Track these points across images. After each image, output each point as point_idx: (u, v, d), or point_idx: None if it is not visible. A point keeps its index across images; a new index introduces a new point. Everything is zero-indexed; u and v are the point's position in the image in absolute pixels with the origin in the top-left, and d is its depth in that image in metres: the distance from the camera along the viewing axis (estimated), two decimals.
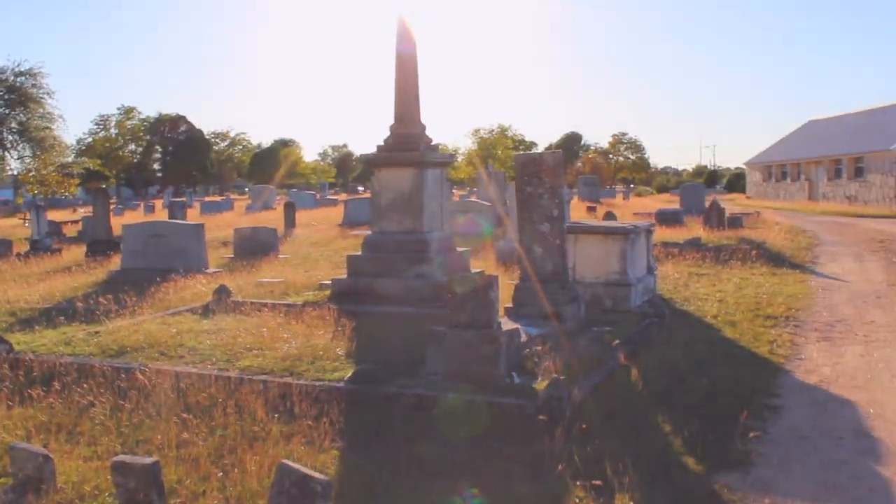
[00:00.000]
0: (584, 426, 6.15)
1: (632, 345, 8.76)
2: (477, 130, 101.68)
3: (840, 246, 21.75)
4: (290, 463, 5.06)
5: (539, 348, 8.14)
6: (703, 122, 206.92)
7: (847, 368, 8.69)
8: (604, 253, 11.49)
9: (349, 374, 7.68)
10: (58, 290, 14.69)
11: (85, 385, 7.68)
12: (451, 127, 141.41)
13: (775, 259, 17.65)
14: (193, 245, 16.44)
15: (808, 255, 19.30)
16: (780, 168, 58.45)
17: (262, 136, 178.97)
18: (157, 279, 14.34)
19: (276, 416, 6.73)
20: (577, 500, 5.10)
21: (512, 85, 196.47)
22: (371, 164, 12.72)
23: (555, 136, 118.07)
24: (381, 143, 12.60)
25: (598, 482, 5.14)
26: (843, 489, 5.49)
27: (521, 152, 11.49)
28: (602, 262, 11.47)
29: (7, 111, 55.36)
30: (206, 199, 57.35)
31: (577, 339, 9.01)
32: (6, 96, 55.06)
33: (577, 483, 5.26)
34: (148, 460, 5.40)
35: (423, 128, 12.67)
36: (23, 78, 55.77)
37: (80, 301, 13.19)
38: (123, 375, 8.01)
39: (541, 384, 7.17)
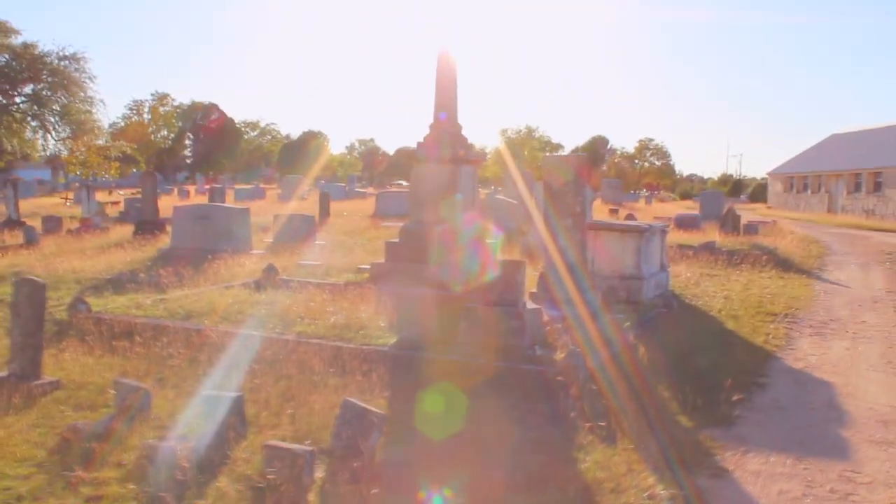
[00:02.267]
0: (594, 388, 7.28)
1: (641, 329, 9.88)
2: (504, 130, 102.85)
3: (849, 256, 22.74)
4: (353, 399, 6.22)
5: (559, 326, 9.28)
6: (731, 131, 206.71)
7: (831, 358, 9.78)
8: (620, 249, 12.60)
9: (393, 341, 8.84)
10: (116, 263, 15.93)
11: (162, 340, 8.89)
12: (478, 126, 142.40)
13: (784, 265, 18.67)
14: (239, 227, 17.65)
15: (816, 263, 20.31)
16: (801, 179, 59.22)
17: (290, 127, 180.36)
18: (206, 257, 15.55)
19: (331, 370, 7.87)
20: (586, 441, 6.22)
21: (540, 86, 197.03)
22: (411, 158, 13.89)
23: (581, 139, 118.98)
24: (421, 140, 13.76)
25: (602, 423, 6.28)
26: (808, 444, 6.62)
27: (549, 154, 12.61)
28: (618, 257, 12.59)
29: (50, 94, 56.84)
30: (236, 186, 58.58)
31: (594, 322, 10.12)
32: (50, 79, 56.52)
33: (587, 426, 6.39)
34: (234, 393, 6.58)
35: (460, 128, 13.83)
36: (66, 62, 57.22)
37: (141, 273, 14.43)
38: (195, 334, 9.20)
39: (559, 356, 8.28)
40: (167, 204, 26.89)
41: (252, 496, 5.21)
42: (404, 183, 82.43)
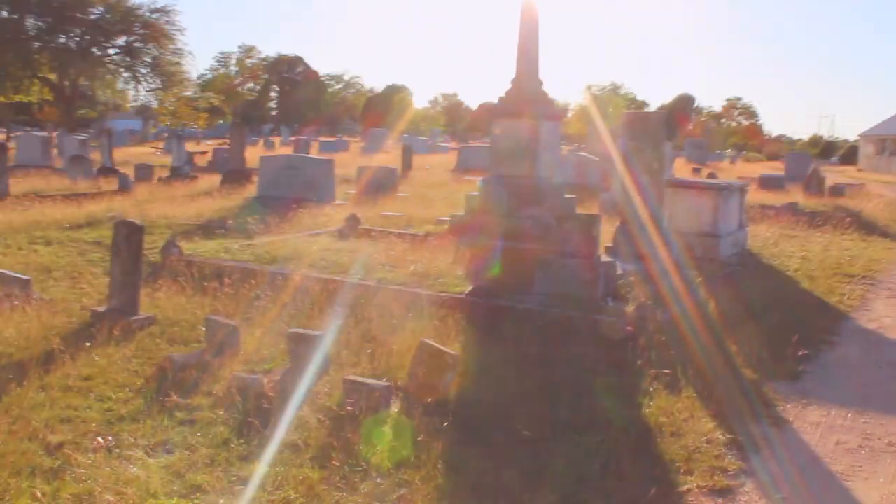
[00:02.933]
0: (663, 339, 7.50)
1: (714, 285, 10.02)
2: (590, 87, 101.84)
3: None
4: (429, 340, 6.56)
5: (632, 280, 9.48)
6: (824, 91, 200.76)
7: None
8: (698, 206, 12.67)
9: (469, 289, 9.15)
10: (205, 210, 16.54)
11: (250, 283, 9.34)
12: (563, 81, 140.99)
13: (868, 227, 18.42)
14: (323, 178, 18.14)
15: None
16: (894, 142, 57.56)
17: (374, 81, 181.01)
18: (291, 206, 16.05)
19: (409, 315, 8.21)
20: (651, 388, 6.46)
21: (627, 43, 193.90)
22: (493, 113, 14.08)
23: (667, 97, 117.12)
24: (503, 95, 13.92)
25: (667, 371, 6.52)
26: (871, 400, 6.75)
27: (632, 111, 12.72)
28: (696, 214, 12.66)
29: (141, 46, 58.19)
30: (321, 139, 59.37)
31: (667, 277, 10.29)
32: (141, 31, 57.82)
33: (652, 373, 6.63)
34: (317, 332, 6.97)
35: (541, 83, 13.94)
36: (157, 14, 58.46)
37: (229, 220, 14.99)
38: (280, 278, 9.64)
39: (630, 308, 8.50)
40: (253, 155, 27.61)
41: (331, 425, 5.58)
42: (487, 138, 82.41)
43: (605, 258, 9.70)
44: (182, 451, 5.20)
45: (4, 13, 55.08)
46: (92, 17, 57.11)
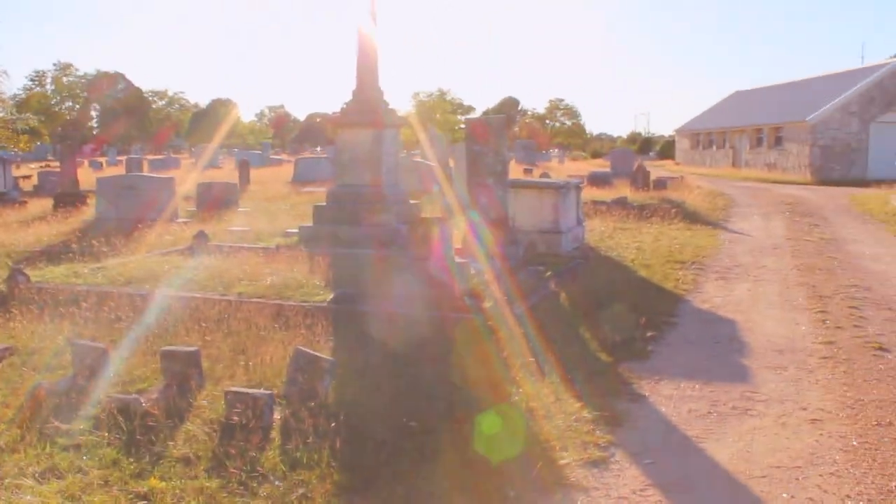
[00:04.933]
0: (522, 331, 7.96)
1: (561, 277, 10.61)
2: (417, 94, 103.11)
3: (752, 208, 23.97)
4: (304, 347, 6.77)
5: (485, 279, 9.93)
6: (639, 90, 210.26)
7: (734, 299, 10.69)
8: (539, 205, 13.33)
9: (331, 297, 9.38)
10: (43, 236, 16.05)
11: (108, 305, 9.25)
12: (392, 89, 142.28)
13: (692, 217, 19.71)
14: (164, 197, 17.87)
15: (721, 215, 21.45)
16: (707, 136, 61.03)
17: (199, 96, 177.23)
18: (133, 227, 15.79)
19: (275, 326, 8.37)
20: (517, 377, 6.89)
21: (451, 49, 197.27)
22: (335, 123, 14.33)
23: (492, 101, 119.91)
24: (344, 106, 14.22)
25: (531, 360, 6.98)
26: (714, 371, 7.48)
27: (468, 116, 13.24)
28: (538, 213, 13.31)
29: None
30: (149, 157, 57.84)
31: (517, 273, 10.81)
32: None
33: (517, 363, 7.07)
34: (190, 348, 7.06)
35: (382, 93, 14.33)
36: None
37: (72, 244, 14.63)
38: (139, 299, 9.59)
39: (487, 304, 8.93)
40: (81, 176, 26.75)
41: (220, 436, 5.72)
42: (319, 149, 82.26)
43: (458, 259, 10.11)
44: (73, 475, 5.23)
45: None
46: None
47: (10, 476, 5.21)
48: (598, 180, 27.78)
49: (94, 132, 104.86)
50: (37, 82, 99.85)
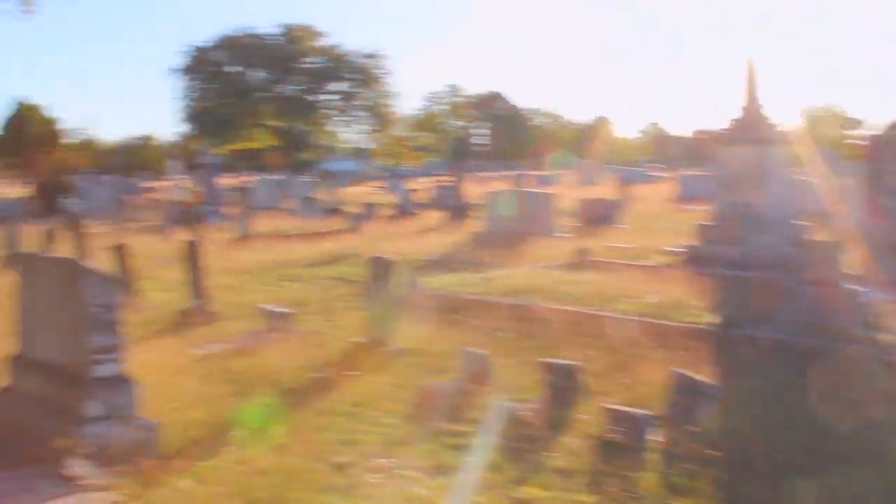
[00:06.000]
0: None
1: None
2: (805, 109, 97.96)
3: None
4: (683, 370, 6.57)
5: (884, 308, 9.09)
6: None
7: None
8: None
9: (713, 319, 9.07)
10: (433, 246, 17.13)
11: (492, 315, 9.62)
12: (775, 105, 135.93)
13: None
14: (546, 211, 18.40)
15: None
16: None
17: (578, 114, 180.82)
18: (516, 240, 16.37)
19: (655, 345, 8.22)
20: None
21: (837, 59, 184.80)
22: (719, 140, 13.93)
23: (887, 114, 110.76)
24: (729, 124, 13.79)
25: None
26: None
27: (863, 132, 12.29)
28: None
29: (355, 90, 61.11)
30: (534, 172, 59.96)
31: None
32: (354, 77, 60.77)
33: None
34: (570, 362, 7.11)
35: (765, 109, 13.77)
36: (368, 60, 61.25)
37: (459, 254, 15.48)
38: (521, 310, 9.87)
39: (885, 337, 8.17)
40: (469, 190, 28.31)
41: (597, 452, 5.69)
42: (701, 167, 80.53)
43: (852, 285, 9.34)
44: (457, 473, 5.45)
45: (233, 68, 59.33)
46: (310, 66, 60.54)
47: (401, 468, 5.53)
48: None
49: (480, 148, 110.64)
50: (433, 102, 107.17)
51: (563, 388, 6.79)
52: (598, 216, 20.37)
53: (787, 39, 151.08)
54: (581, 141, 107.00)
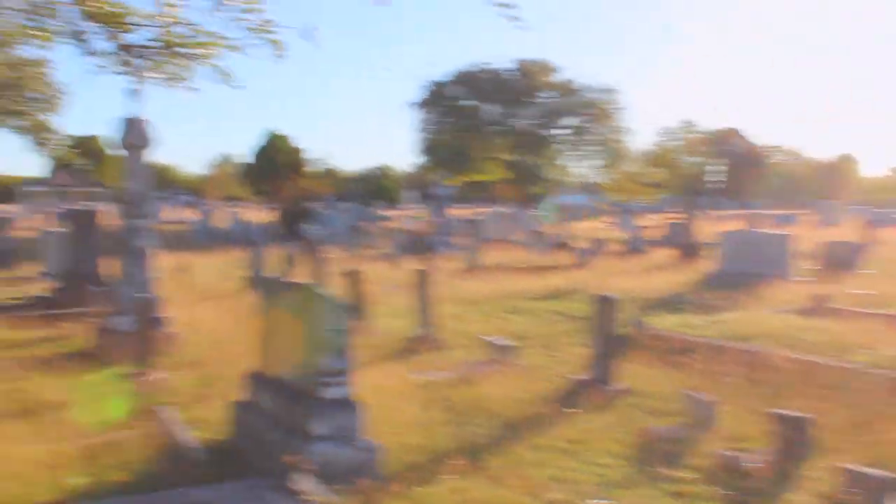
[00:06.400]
0: None
1: None
2: None
3: None
4: None
5: None
6: None
7: None
8: None
9: None
10: (661, 284, 16.76)
11: (719, 359, 9.29)
12: None
13: None
14: (781, 254, 17.61)
15: None
16: None
17: (819, 152, 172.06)
18: (748, 282, 15.75)
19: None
20: None
21: None
22: None
23: None
24: None
25: None
26: None
27: None
28: None
29: (587, 125, 61.03)
30: (770, 211, 57.65)
31: None
32: (588, 111, 60.71)
33: None
34: (802, 414, 6.74)
35: None
36: (601, 94, 61.03)
37: (687, 294, 15.08)
38: (750, 355, 9.47)
39: None
40: (700, 228, 27.55)
41: None
42: None
43: None
44: None
45: (468, 102, 60.84)
46: (543, 101, 61.11)
47: None
48: None
49: (714, 186, 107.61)
50: (665, 138, 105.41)
51: (794, 442, 6.45)
52: (839, 260, 19.25)
53: None
54: (823, 179, 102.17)
